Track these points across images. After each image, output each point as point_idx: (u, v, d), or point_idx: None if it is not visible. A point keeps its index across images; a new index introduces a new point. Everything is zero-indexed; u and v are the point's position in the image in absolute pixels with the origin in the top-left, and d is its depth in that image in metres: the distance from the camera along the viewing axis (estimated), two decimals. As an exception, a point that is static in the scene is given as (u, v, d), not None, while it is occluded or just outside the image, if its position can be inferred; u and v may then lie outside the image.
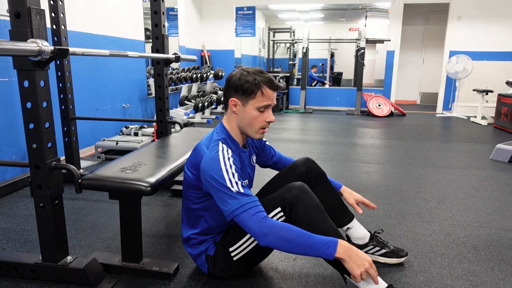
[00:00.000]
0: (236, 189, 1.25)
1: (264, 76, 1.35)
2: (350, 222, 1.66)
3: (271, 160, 1.73)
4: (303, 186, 1.38)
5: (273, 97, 1.37)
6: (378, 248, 1.68)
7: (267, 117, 1.37)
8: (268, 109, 1.38)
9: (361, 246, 1.68)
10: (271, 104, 1.37)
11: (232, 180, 1.26)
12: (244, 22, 7.51)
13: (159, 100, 2.52)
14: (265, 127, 1.39)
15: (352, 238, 1.69)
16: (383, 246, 1.68)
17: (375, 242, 1.68)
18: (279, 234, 1.19)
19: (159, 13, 2.35)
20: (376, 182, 2.91)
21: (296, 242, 1.19)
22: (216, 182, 1.27)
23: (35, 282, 1.52)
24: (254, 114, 1.35)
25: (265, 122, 1.38)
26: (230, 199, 1.24)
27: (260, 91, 1.33)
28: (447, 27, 6.81)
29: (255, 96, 1.34)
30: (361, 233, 1.68)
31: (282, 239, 1.19)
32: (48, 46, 1.25)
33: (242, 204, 1.23)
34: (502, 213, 2.31)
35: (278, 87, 1.37)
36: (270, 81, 1.35)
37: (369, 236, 1.69)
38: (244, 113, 1.37)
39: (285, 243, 1.20)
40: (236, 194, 1.24)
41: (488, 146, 4.15)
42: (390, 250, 1.68)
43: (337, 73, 9.54)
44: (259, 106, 1.35)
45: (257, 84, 1.33)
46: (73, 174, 1.42)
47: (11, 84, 2.71)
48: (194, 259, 1.54)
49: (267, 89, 1.34)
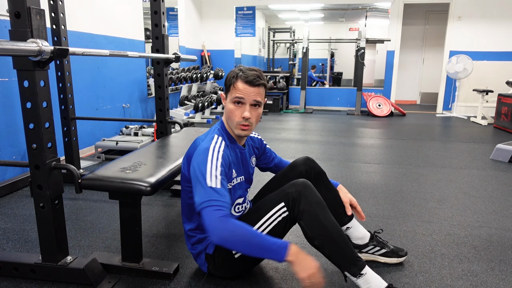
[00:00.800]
0: (211, 184, 1.25)
1: (245, 72, 1.36)
2: (350, 222, 1.66)
3: (272, 162, 1.75)
4: (306, 182, 1.40)
5: (245, 92, 1.35)
6: (378, 248, 1.68)
7: (242, 112, 1.36)
8: (243, 104, 1.37)
9: (361, 246, 1.68)
10: (243, 98, 1.35)
11: (212, 174, 1.27)
12: (244, 22, 7.51)
13: (159, 100, 2.52)
14: (243, 123, 1.38)
15: (351, 238, 1.69)
16: (383, 246, 1.68)
17: (375, 242, 1.68)
18: (233, 231, 1.19)
19: (159, 13, 2.35)
20: (376, 182, 2.91)
21: (249, 241, 1.19)
22: (198, 172, 1.28)
23: (35, 282, 1.52)
24: (231, 107, 1.38)
25: (241, 118, 1.37)
26: (202, 191, 1.25)
27: (233, 85, 1.37)
28: (447, 27, 6.81)
29: (230, 89, 1.38)
30: (361, 232, 1.68)
31: (235, 236, 1.19)
32: (48, 46, 1.25)
33: (209, 199, 1.22)
34: (502, 213, 2.30)
35: (251, 82, 1.34)
36: (245, 76, 1.35)
37: (369, 236, 1.69)
38: (226, 107, 1.41)
39: (238, 241, 1.19)
40: (209, 188, 1.24)
41: (488, 146, 4.15)
42: (390, 249, 1.68)
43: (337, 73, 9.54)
44: (232, 98, 1.37)
45: (232, 78, 1.38)
46: (73, 174, 1.42)
47: (11, 84, 2.71)
48: (195, 258, 1.55)
49: (239, 82, 1.36)
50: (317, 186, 1.59)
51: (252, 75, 1.35)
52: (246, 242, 1.19)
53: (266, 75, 7.49)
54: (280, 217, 1.38)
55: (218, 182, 1.26)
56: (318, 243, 1.32)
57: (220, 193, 1.25)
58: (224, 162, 1.33)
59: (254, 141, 1.65)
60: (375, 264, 1.68)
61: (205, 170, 1.27)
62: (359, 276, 1.29)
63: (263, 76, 1.39)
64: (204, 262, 1.51)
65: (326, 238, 1.31)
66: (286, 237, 1.93)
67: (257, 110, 1.40)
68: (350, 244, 1.33)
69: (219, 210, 1.21)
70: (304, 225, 1.33)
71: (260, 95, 1.38)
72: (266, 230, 1.38)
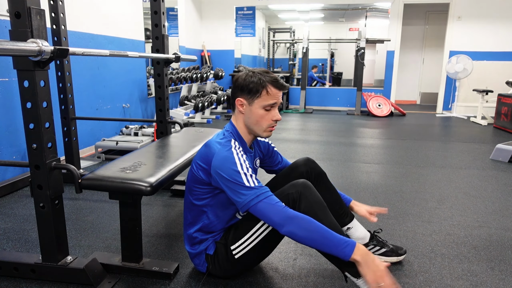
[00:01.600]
0: (251, 183, 1.28)
1: (269, 76, 1.39)
2: (351, 222, 1.66)
3: (277, 166, 1.75)
4: (307, 183, 1.40)
5: (278, 96, 1.40)
6: (378, 248, 1.68)
7: (274, 115, 1.41)
8: (274, 108, 1.41)
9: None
10: (276, 103, 1.40)
11: (247, 174, 1.29)
12: (244, 22, 7.51)
13: (159, 100, 2.52)
14: (273, 125, 1.43)
15: (352, 238, 1.68)
16: (382, 245, 1.69)
17: (375, 242, 1.69)
18: (301, 224, 1.22)
19: (159, 13, 2.35)
20: (376, 182, 2.91)
21: (317, 234, 1.21)
22: (231, 177, 1.29)
23: (35, 282, 1.52)
24: (261, 113, 1.39)
25: (272, 120, 1.41)
26: (246, 190, 1.27)
27: (265, 90, 1.37)
28: (447, 27, 6.81)
29: (260, 95, 1.38)
30: (362, 233, 1.68)
31: (304, 229, 1.21)
32: (48, 46, 1.25)
33: (259, 194, 1.26)
34: (502, 213, 2.31)
35: (283, 86, 1.41)
36: (275, 80, 1.38)
37: (369, 236, 1.69)
38: (251, 112, 1.40)
39: (306, 233, 1.21)
40: (252, 187, 1.27)
41: (488, 146, 4.15)
42: (389, 249, 1.69)
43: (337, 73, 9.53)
44: (265, 104, 1.38)
45: (262, 83, 1.37)
46: (73, 174, 1.42)
47: (11, 84, 2.71)
48: (192, 257, 1.55)
49: (272, 88, 1.38)
50: (317, 186, 1.58)
51: (279, 79, 1.40)
52: (315, 234, 1.21)
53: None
54: None
55: (254, 180, 1.30)
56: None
57: (263, 186, 1.29)
58: (250, 164, 1.35)
59: (259, 144, 1.66)
60: None
61: (239, 173, 1.29)
62: (360, 276, 1.29)
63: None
64: (204, 262, 1.51)
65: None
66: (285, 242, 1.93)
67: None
68: None
69: (278, 202, 1.25)
70: None
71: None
72: (266, 231, 1.38)
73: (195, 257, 1.53)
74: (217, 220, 1.47)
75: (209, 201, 1.44)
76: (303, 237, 1.22)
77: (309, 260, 1.72)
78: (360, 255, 1.19)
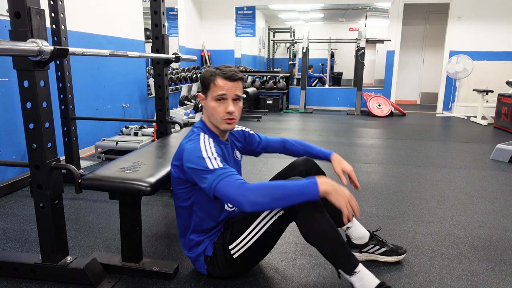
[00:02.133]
0: (214, 165, 1.28)
1: (221, 70, 1.41)
2: (350, 222, 1.65)
3: (258, 147, 1.74)
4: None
5: (226, 88, 1.39)
6: (378, 247, 1.68)
7: (226, 107, 1.40)
8: (226, 100, 1.40)
9: (361, 245, 1.68)
10: (225, 94, 1.39)
11: (211, 158, 1.30)
12: (244, 22, 7.51)
13: (159, 100, 2.52)
14: (227, 117, 1.41)
15: (352, 238, 1.69)
16: (382, 244, 1.69)
17: (375, 241, 1.69)
18: (260, 192, 1.20)
19: (159, 13, 2.35)
20: (376, 182, 2.91)
21: (279, 193, 1.21)
22: (197, 164, 1.30)
23: (35, 282, 1.52)
24: (213, 104, 1.41)
25: (225, 113, 1.40)
26: (208, 174, 1.27)
27: (213, 83, 1.40)
28: (447, 27, 6.81)
29: (210, 87, 1.41)
30: (361, 232, 1.68)
31: (265, 195, 1.20)
32: (48, 46, 1.25)
33: (219, 175, 1.25)
34: (502, 213, 2.30)
35: (232, 77, 1.39)
36: (223, 73, 1.39)
37: (369, 235, 1.69)
38: (207, 105, 1.44)
39: (268, 198, 1.20)
40: (215, 169, 1.27)
41: (488, 146, 4.15)
42: (389, 248, 1.69)
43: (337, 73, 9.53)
44: (214, 96, 1.40)
45: (211, 77, 1.41)
46: (73, 174, 1.42)
47: (11, 84, 2.71)
48: (193, 262, 1.54)
49: (220, 79, 1.39)
50: None
51: (230, 71, 1.40)
52: (277, 196, 1.20)
53: (266, 75, 7.51)
54: (276, 216, 1.38)
55: (218, 162, 1.29)
56: (313, 240, 1.33)
57: (227, 167, 1.28)
58: (218, 151, 1.36)
59: (234, 135, 1.67)
60: (375, 263, 1.68)
61: (203, 158, 1.30)
62: (353, 273, 1.29)
63: (239, 71, 1.43)
64: (203, 264, 1.51)
65: (321, 236, 1.31)
66: (285, 235, 1.93)
67: (238, 104, 1.44)
68: (345, 242, 1.33)
69: (237, 180, 1.24)
70: (300, 223, 1.34)
71: (239, 89, 1.43)
72: (263, 228, 1.39)
73: (195, 261, 1.53)
74: (207, 215, 1.47)
75: (194, 199, 1.45)
76: (268, 202, 1.21)
77: (309, 260, 1.72)
78: (327, 186, 1.20)
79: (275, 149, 1.77)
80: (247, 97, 6.19)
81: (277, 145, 1.76)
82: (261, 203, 1.21)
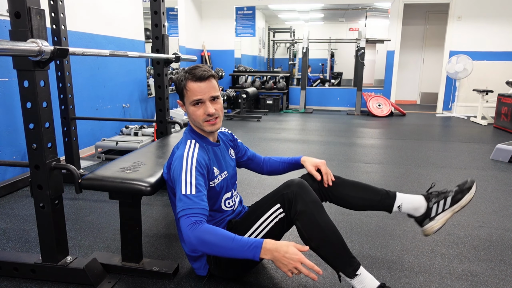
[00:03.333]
0: (186, 191, 1.25)
1: (189, 72, 1.35)
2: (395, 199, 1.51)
3: (245, 156, 1.72)
4: (302, 183, 1.39)
5: (200, 90, 1.34)
6: (443, 202, 1.48)
7: (205, 110, 1.36)
8: (203, 103, 1.36)
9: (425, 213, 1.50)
10: (201, 98, 1.35)
11: (187, 181, 1.27)
12: (244, 22, 7.51)
13: (159, 100, 2.52)
14: (208, 119, 1.38)
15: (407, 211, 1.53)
16: (445, 195, 1.49)
17: (435, 199, 1.50)
18: (202, 238, 1.18)
19: (159, 13, 2.35)
20: (376, 182, 2.91)
21: (220, 246, 1.18)
22: (176, 180, 1.30)
23: (35, 282, 1.52)
24: (192, 109, 1.38)
25: (205, 115, 1.37)
26: (179, 200, 1.25)
27: (185, 89, 1.37)
28: (447, 27, 6.81)
29: (184, 95, 1.39)
30: (415, 200, 1.52)
31: (205, 243, 1.18)
32: (48, 46, 1.25)
33: (183, 209, 1.23)
34: (502, 213, 2.30)
35: (201, 77, 1.34)
36: (192, 75, 1.34)
37: (424, 200, 1.52)
38: (188, 111, 1.41)
39: (208, 247, 1.19)
40: (183, 196, 1.25)
41: (488, 146, 4.15)
42: (454, 193, 1.50)
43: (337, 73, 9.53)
44: (190, 101, 1.37)
45: (181, 83, 1.37)
46: (73, 174, 1.42)
47: (11, 84, 2.71)
48: (194, 260, 1.54)
49: (191, 83, 1.35)
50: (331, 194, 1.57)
51: (199, 71, 1.34)
52: (217, 247, 1.18)
53: (266, 75, 7.50)
54: (277, 219, 1.37)
55: (193, 188, 1.26)
56: (314, 244, 1.32)
57: (193, 199, 1.24)
58: (199, 165, 1.32)
59: (225, 135, 1.65)
60: (367, 257, 1.68)
61: (180, 178, 1.28)
62: (354, 276, 1.29)
63: (209, 69, 1.39)
64: (205, 265, 1.51)
65: (322, 239, 1.30)
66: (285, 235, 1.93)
67: (218, 102, 1.40)
68: (346, 245, 1.33)
69: (191, 218, 1.21)
70: (301, 226, 1.33)
71: (214, 88, 1.37)
72: (263, 232, 1.38)
73: (196, 261, 1.53)
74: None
75: None
76: (209, 251, 1.22)
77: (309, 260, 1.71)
78: (268, 253, 1.16)
79: (257, 165, 1.74)
80: (247, 97, 6.19)
81: (260, 161, 1.74)
82: (202, 250, 1.22)
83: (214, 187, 1.42)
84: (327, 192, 1.56)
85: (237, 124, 5.57)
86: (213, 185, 1.41)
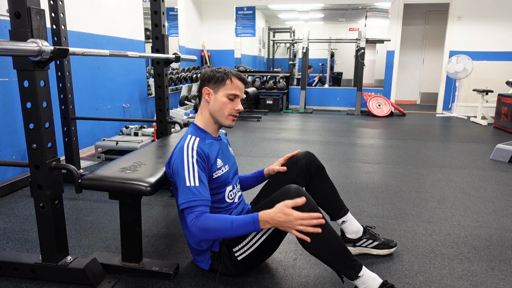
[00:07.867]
0: (189, 183, 1.33)
1: (232, 72, 1.50)
2: (345, 216, 1.72)
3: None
4: (299, 190, 1.36)
5: (241, 89, 1.49)
6: (370, 241, 1.75)
7: (235, 105, 1.49)
8: (237, 99, 1.49)
9: (355, 240, 1.74)
10: (239, 95, 1.49)
11: (190, 173, 1.34)
12: (244, 22, 7.51)
13: (159, 100, 2.52)
14: (234, 114, 1.50)
15: (346, 232, 1.75)
16: (375, 238, 1.76)
17: (368, 235, 1.75)
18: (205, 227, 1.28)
19: (159, 13, 2.35)
20: (376, 182, 2.91)
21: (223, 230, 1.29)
22: (177, 173, 1.37)
23: (35, 282, 1.52)
24: (224, 100, 1.47)
25: (234, 109, 1.49)
26: (182, 192, 1.33)
27: (230, 79, 1.47)
28: (447, 27, 6.81)
29: (225, 83, 1.46)
30: (356, 226, 1.75)
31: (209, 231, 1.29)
32: (48, 46, 1.25)
33: (187, 201, 1.32)
34: (502, 213, 2.30)
35: (245, 81, 1.52)
36: (238, 74, 1.50)
37: (362, 229, 1.76)
38: (216, 100, 1.47)
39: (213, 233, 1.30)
40: (187, 188, 1.33)
41: (488, 146, 4.15)
42: (381, 242, 1.76)
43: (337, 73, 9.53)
44: (228, 93, 1.46)
45: (227, 74, 1.48)
46: (73, 174, 1.42)
47: (11, 84, 2.71)
48: (197, 254, 1.55)
49: (236, 79, 1.48)
50: (317, 178, 1.66)
51: (242, 75, 1.51)
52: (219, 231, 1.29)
53: (266, 75, 7.53)
54: None
55: (196, 180, 1.34)
56: (315, 251, 1.33)
57: (196, 191, 1.33)
58: (199, 157, 1.39)
59: (224, 135, 1.75)
60: (368, 256, 1.74)
61: (183, 170, 1.35)
62: (357, 278, 1.30)
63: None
64: (208, 260, 1.53)
65: (322, 246, 1.31)
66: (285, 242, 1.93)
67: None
68: (346, 248, 1.33)
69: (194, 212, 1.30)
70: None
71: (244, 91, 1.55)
72: (260, 239, 1.41)
73: (200, 254, 1.54)
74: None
75: None
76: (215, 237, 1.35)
77: (309, 260, 1.72)
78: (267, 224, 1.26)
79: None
80: (247, 97, 6.19)
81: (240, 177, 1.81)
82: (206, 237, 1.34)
83: (217, 178, 1.47)
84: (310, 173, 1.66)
85: (237, 124, 5.56)
86: (216, 176, 1.46)
